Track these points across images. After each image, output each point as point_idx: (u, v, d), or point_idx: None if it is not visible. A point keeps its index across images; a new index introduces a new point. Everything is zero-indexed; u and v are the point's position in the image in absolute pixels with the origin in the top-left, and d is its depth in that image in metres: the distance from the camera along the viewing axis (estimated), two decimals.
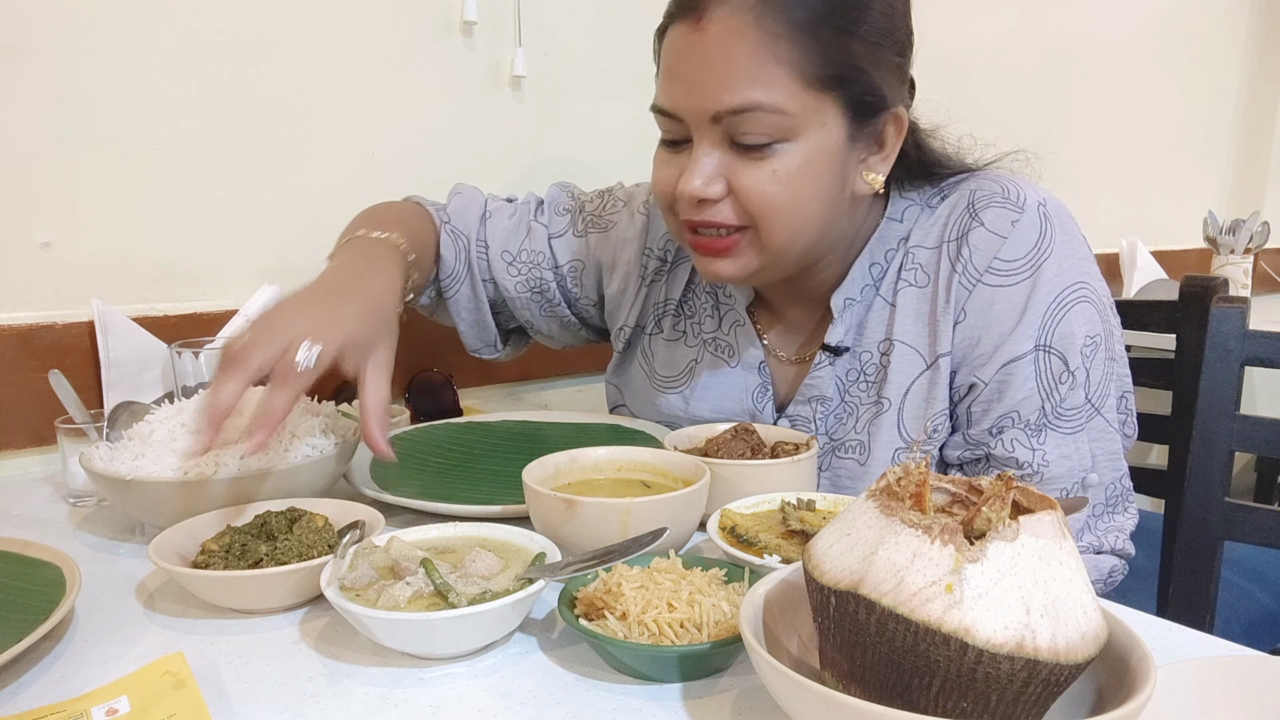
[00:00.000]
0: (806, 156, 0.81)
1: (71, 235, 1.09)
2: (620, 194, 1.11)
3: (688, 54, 0.81)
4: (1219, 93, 2.75)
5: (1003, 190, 0.87)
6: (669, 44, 0.84)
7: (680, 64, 0.82)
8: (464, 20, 1.32)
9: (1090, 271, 0.87)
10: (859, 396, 0.92)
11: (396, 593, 0.60)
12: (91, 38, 1.07)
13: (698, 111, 0.81)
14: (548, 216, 1.10)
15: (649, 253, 1.07)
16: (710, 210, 0.83)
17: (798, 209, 0.82)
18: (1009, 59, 2.16)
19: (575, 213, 1.10)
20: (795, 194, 0.82)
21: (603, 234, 1.08)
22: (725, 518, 0.73)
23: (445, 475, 0.93)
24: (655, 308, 1.07)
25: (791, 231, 0.83)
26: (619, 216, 1.08)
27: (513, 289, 1.09)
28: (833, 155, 0.82)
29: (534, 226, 1.09)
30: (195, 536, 0.72)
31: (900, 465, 0.49)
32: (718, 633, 0.56)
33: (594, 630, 0.57)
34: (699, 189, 0.82)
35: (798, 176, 0.81)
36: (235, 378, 0.72)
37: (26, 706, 0.55)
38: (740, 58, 0.78)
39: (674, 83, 0.83)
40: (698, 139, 0.82)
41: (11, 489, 1.00)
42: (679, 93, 0.82)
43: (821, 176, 0.83)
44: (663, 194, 0.88)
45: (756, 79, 0.78)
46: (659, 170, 0.88)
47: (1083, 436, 0.85)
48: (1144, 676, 0.44)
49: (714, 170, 0.82)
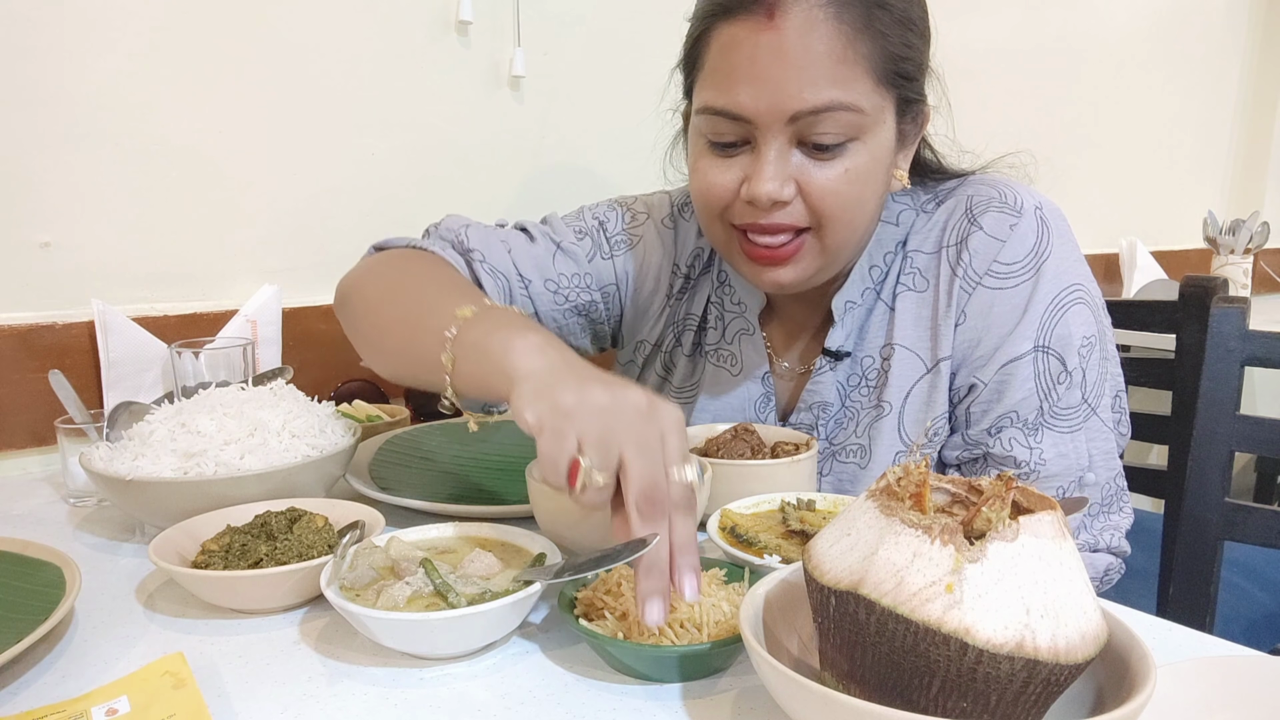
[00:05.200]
0: (873, 154, 0.80)
1: (71, 235, 1.09)
2: (638, 207, 1.05)
3: (756, 52, 0.77)
4: (1219, 93, 2.75)
5: (1000, 195, 0.88)
6: (726, 42, 0.79)
7: (748, 63, 0.77)
8: (459, 20, 1.32)
9: (1084, 273, 0.87)
10: (860, 401, 0.92)
11: (396, 593, 0.60)
12: (92, 38, 1.07)
13: (771, 111, 0.77)
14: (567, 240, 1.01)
15: (676, 269, 1.03)
16: (780, 213, 0.81)
17: (860, 206, 0.82)
18: (1009, 59, 2.16)
19: (595, 233, 1.02)
20: (860, 192, 0.81)
21: (630, 251, 1.03)
22: (725, 518, 0.73)
23: (445, 475, 0.93)
24: (676, 325, 1.04)
25: (852, 230, 0.83)
26: (643, 230, 1.04)
27: (560, 315, 1.01)
28: (889, 152, 0.83)
29: (567, 249, 1.00)
30: (195, 536, 0.72)
31: (900, 465, 0.49)
32: (717, 633, 0.56)
33: (593, 630, 0.57)
34: (775, 191, 0.79)
35: (865, 175, 0.80)
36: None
37: (26, 706, 0.55)
38: (821, 55, 0.76)
39: (739, 83, 0.78)
40: (766, 140, 0.79)
41: (11, 489, 1.00)
42: (747, 93, 0.78)
43: (880, 174, 0.82)
44: (717, 199, 0.84)
45: (837, 77, 0.76)
46: (711, 176, 0.83)
47: (1080, 436, 0.86)
48: (1144, 676, 0.44)
49: (787, 172, 0.80)
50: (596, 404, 0.59)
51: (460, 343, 0.70)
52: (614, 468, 0.58)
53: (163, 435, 0.81)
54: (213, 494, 0.76)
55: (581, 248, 1.01)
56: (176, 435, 0.80)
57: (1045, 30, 2.22)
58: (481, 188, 1.40)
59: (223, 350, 0.99)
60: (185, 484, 0.76)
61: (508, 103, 1.40)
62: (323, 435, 0.86)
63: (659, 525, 0.57)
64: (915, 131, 0.87)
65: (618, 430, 0.58)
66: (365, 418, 1.14)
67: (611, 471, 0.58)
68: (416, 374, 0.78)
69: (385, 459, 0.98)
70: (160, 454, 0.79)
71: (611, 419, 0.58)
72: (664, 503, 0.57)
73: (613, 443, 0.58)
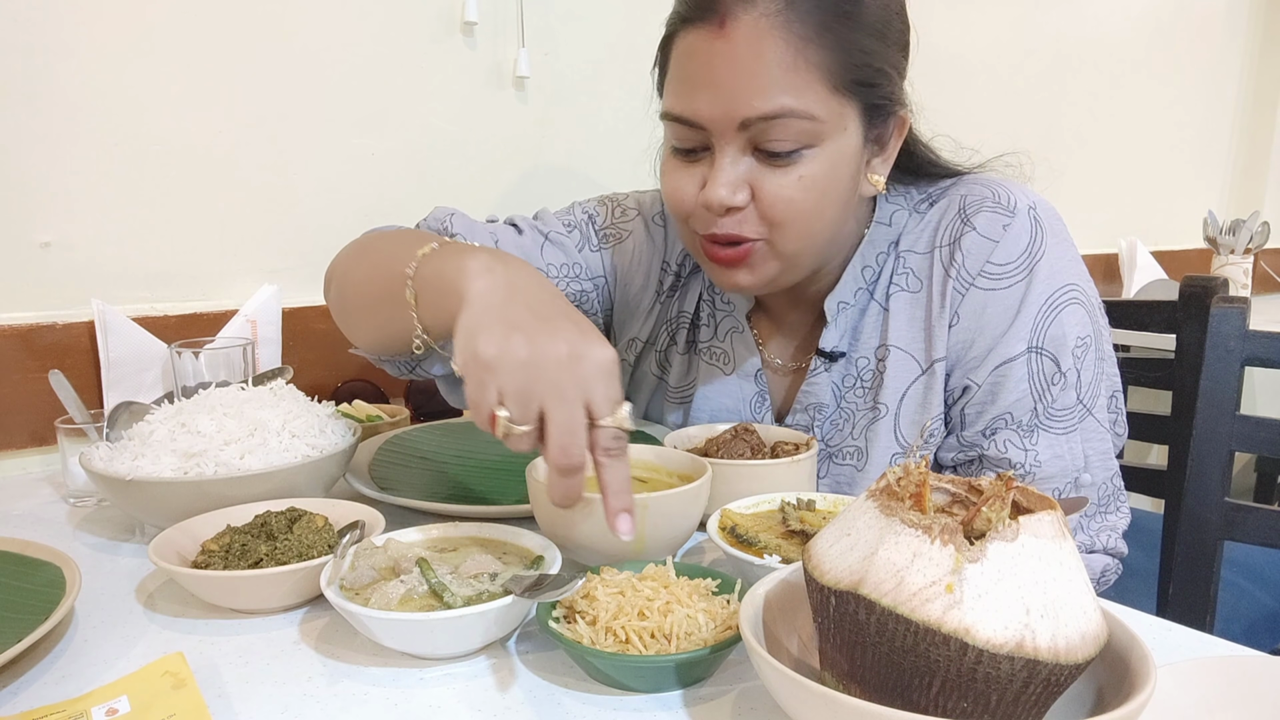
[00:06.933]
0: (830, 161, 0.80)
1: (71, 235, 1.09)
2: (629, 203, 1.06)
3: (710, 60, 0.78)
4: (1219, 93, 2.75)
5: (993, 195, 0.87)
6: (684, 50, 0.81)
7: (702, 70, 0.78)
8: (464, 20, 1.33)
9: (1080, 273, 0.87)
10: (855, 403, 0.92)
11: (390, 591, 0.60)
12: (92, 38, 1.07)
13: (724, 119, 0.78)
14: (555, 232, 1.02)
15: (666, 266, 1.04)
16: (732, 221, 0.81)
17: (818, 214, 0.82)
18: (1009, 59, 2.16)
19: (584, 226, 1.04)
20: (818, 200, 0.81)
21: (618, 245, 1.04)
22: (725, 518, 0.73)
23: (445, 475, 0.93)
24: (669, 323, 1.05)
25: (807, 237, 0.83)
26: (633, 226, 1.04)
27: None
28: (851, 159, 0.82)
29: (555, 240, 1.01)
30: (195, 536, 0.72)
31: (900, 465, 0.49)
32: (687, 645, 0.55)
33: (560, 633, 0.56)
34: (726, 198, 0.79)
35: (822, 182, 0.80)
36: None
37: (26, 706, 0.55)
38: (770, 63, 0.76)
39: (694, 90, 0.79)
40: (720, 146, 0.80)
41: (11, 489, 1.00)
42: (702, 100, 0.79)
43: (841, 181, 0.82)
44: (679, 204, 0.85)
45: (788, 85, 0.76)
46: (673, 180, 0.85)
47: (1075, 437, 0.85)
48: (1144, 676, 0.44)
49: (739, 178, 0.80)
50: (516, 357, 0.60)
51: (420, 276, 0.73)
52: (533, 420, 0.60)
53: (163, 435, 0.81)
54: (213, 494, 0.76)
55: (570, 240, 1.02)
56: (176, 435, 0.80)
57: (1044, 29, 2.22)
58: (482, 187, 1.40)
59: (223, 350, 0.99)
60: (185, 484, 0.76)
61: (511, 103, 1.40)
62: (323, 435, 0.86)
63: (577, 478, 0.60)
64: (892, 137, 0.86)
65: (536, 384, 0.59)
66: (365, 418, 1.14)
67: (531, 423, 0.59)
68: (387, 327, 0.80)
69: (385, 459, 0.98)
70: (160, 454, 0.79)
71: (531, 373, 0.60)
72: (579, 456, 0.59)
73: (531, 397, 0.59)
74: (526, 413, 0.59)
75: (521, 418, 0.59)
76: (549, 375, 0.60)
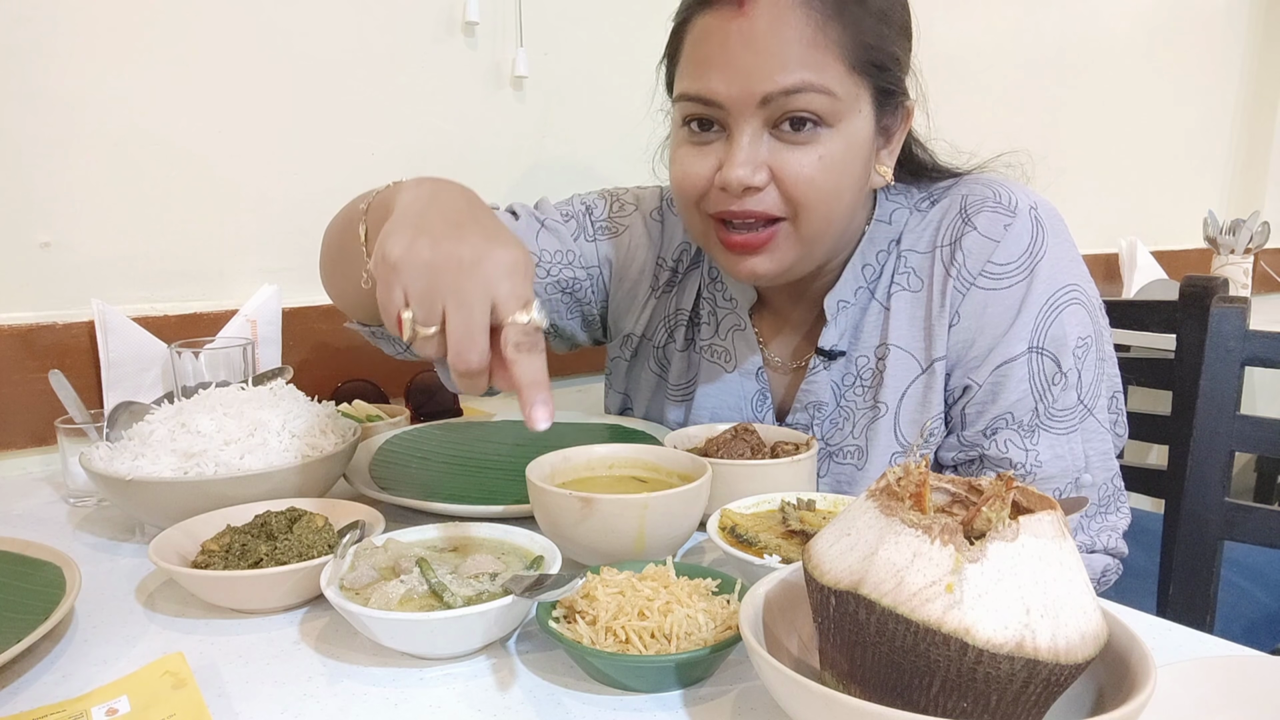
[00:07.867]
0: (847, 143, 0.81)
1: (71, 235, 1.09)
2: (627, 197, 1.07)
3: (728, 39, 0.78)
4: (1219, 93, 2.75)
5: (994, 195, 0.87)
6: (700, 33, 0.81)
7: (720, 50, 0.79)
8: (465, 20, 1.33)
9: (1080, 273, 0.87)
10: (855, 401, 0.92)
11: (390, 591, 0.60)
12: (91, 38, 1.07)
13: (744, 96, 0.79)
14: (552, 220, 1.03)
15: (661, 263, 1.04)
16: (752, 199, 0.81)
17: (837, 196, 0.82)
18: (1009, 59, 2.16)
19: (582, 216, 1.05)
20: (837, 181, 0.81)
21: (615, 238, 1.05)
22: (725, 518, 0.73)
23: (445, 475, 0.93)
24: (666, 319, 1.05)
25: (827, 221, 0.83)
26: (630, 220, 1.05)
27: (543, 291, 1.01)
28: (865, 144, 0.83)
29: (551, 226, 1.02)
30: (195, 536, 0.72)
31: (900, 465, 0.49)
32: (687, 645, 0.55)
33: (560, 633, 0.56)
34: (745, 177, 0.79)
35: (839, 163, 0.81)
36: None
37: (26, 706, 0.55)
38: (791, 40, 0.77)
39: (713, 69, 0.80)
40: (739, 126, 0.80)
41: (11, 489, 1.00)
42: (721, 79, 0.79)
43: (856, 165, 0.83)
44: (692, 188, 0.84)
45: (809, 60, 0.77)
46: (685, 164, 0.84)
47: (1076, 437, 0.85)
48: (1144, 676, 0.44)
49: (759, 158, 0.80)
50: (420, 259, 0.60)
51: (370, 210, 0.78)
52: (438, 320, 0.60)
53: (163, 435, 0.81)
54: (213, 494, 0.76)
55: (567, 228, 1.03)
56: (176, 435, 0.80)
57: (1045, 28, 2.22)
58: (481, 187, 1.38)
59: (223, 350, 0.99)
60: (185, 484, 0.76)
61: (510, 103, 1.40)
62: (323, 435, 0.86)
63: (479, 380, 0.60)
64: (899, 127, 0.87)
65: (439, 286, 0.60)
66: (365, 418, 1.14)
67: (436, 324, 0.60)
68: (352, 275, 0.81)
69: (385, 459, 0.98)
70: (160, 454, 0.79)
71: (433, 274, 0.60)
72: (475, 360, 0.59)
73: (435, 298, 0.60)
74: (430, 314, 0.60)
75: (426, 319, 0.60)
76: (449, 277, 0.60)
